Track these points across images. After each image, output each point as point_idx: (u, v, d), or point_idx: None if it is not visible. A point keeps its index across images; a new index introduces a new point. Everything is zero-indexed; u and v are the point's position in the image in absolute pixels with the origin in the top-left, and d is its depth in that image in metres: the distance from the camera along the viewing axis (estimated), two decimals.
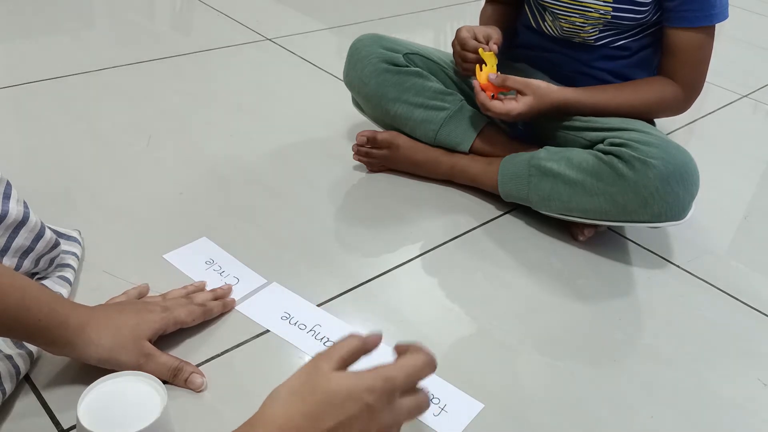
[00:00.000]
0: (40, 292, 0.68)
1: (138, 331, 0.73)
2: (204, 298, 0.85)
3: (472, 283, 0.98)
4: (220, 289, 0.89)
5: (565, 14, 1.11)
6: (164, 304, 0.80)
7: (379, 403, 0.57)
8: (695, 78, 1.09)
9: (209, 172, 1.17)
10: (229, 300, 0.88)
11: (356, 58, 1.19)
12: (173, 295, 0.84)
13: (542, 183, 1.05)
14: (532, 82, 1.06)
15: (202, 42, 1.70)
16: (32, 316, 0.66)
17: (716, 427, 0.80)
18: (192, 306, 0.82)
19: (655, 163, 0.95)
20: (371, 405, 0.56)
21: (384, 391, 0.57)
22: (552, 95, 1.07)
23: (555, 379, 0.84)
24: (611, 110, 1.08)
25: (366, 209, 1.13)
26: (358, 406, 0.55)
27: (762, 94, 1.77)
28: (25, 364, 0.73)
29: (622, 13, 1.07)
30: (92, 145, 1.21)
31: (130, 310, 0.76)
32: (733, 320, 0.97)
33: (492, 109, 1.06)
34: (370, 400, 0.56)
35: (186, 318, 0.80)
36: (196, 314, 0.82)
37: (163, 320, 0.77)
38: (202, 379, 0.76)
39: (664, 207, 0.97)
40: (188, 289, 0.87)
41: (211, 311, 0.85)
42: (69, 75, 1.46)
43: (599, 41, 1.13)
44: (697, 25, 1.04)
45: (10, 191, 0.80)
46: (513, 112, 1.05)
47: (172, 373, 0.75)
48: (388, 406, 0.58)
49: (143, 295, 0.85)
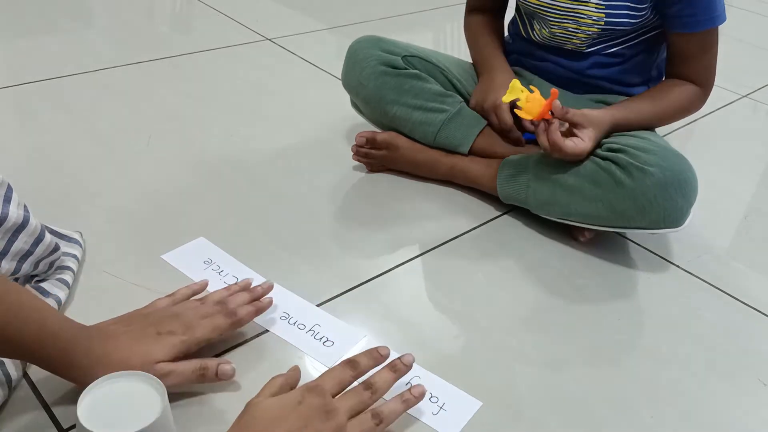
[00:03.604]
0: (54, 326, 0.66)
1: (149, 358, 0.70)
2: (239, 302, 0.81)
3: (471, 283, 0.98)
4: (260, 287, 0.85)
5: (557, 20, 1.11)
6: (188, 322, 0.75)
7: (312, 400, 0.65)
8: (709, 77, 1.11)
9: (209, 172, 1.17)
10: (264, 303, 0.83)
11: (354, 61, 1.18)
12: (211, 299, 0.80)
13: (541, 187, 1.05)
14: (587, 113, 1.00)
15: (201, 42, 1.70)
16: (44, 357, 0.66)
17: (716, 427, 0.80)
18: (219, 319, 0.77)
19: (652, 171, 0.95)
20: (304, 404, 0.65)
21: (310, 390, 0.66)
22: (604, 121, 1.02)
23: (554, 378, 0.84)
24: (655, 121, 1.09)
25: (366, 209, 1.13)
26: (295, 409, 0.64)
27: (762, 94, 1.77)
28: (17, 371, 0.73)
29: (615, 18, 1.07)
30: (92, 145, 1.21)
31: (147, 335, 0.72)
32: (733, 320, 0.97)
33: (566, 150, 0.98)
34: (303, 400, 0.65)
35: (211, 335, 0.76)
36: (223, 328, 0.77)
37: (182, 344, 0.73)
38: (231, 366, 0.74)
39: (662, 214, 0.96)
40: (231, 290, 0.83)
41: (241, 321, 0.79)
42: (69, 75, 1.46)
43: (591, 47, 1.13)
44: (700, 29, 1.05)
45: (11, 194, 0.79)
46: (586, 151, 1.00)
47: (197, 375, 0.73)
48: (323, 405, 0.65)
49: (197, 293, 0.83)
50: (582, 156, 1.00)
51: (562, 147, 0.98)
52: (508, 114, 1.10)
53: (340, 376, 0.70)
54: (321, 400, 0.66)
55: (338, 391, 0.69)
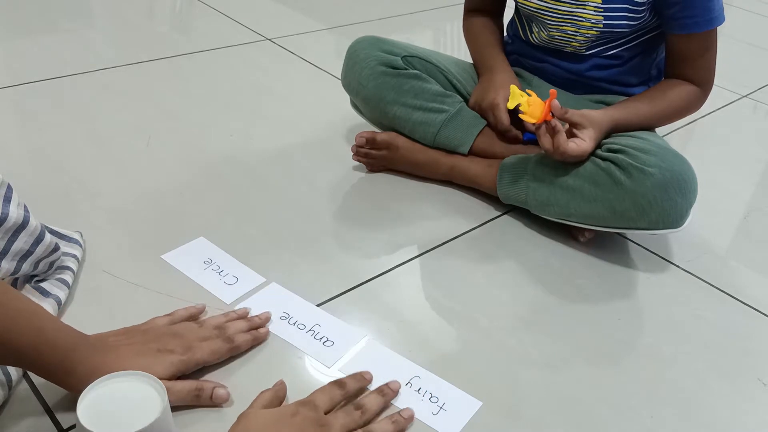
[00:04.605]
0: (52, 334, 0.66)
1: (149, 372, 0.68)
2: (237, 329, 0.81)
3: (471, 283, 0.98)
4: (258, 317, 0.85)
5: (555, 23, 1.11)
6: (188, 343, 0.75)
7: (306, 413, 0.67)
8: (708, 77, 1.11)
9: (209, 172, 1.17)
10: (262, 333, 0.83)
11: (354, 61, 1.18)
12: (210, 324, 0.80)
13: (541, 188, 1.05)
14: (587, 113, 1.01)
15: (201, 42, 1.70)
16: (42, 365, 0.66)
17: (716, 427, 0.80)
18: (218, 343, 0.77)
19: (652, 171, 0.95)
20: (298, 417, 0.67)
21: (304, 404, 0.69)
22: (604, 122, 1.02)
23: (554, 378, 0.84)
24: (654, 121, 1.09)
25: (366, 209, 1.13)
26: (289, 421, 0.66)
27: (762, 94, 1.77)
28: (17, 371, 0.73)
29: (614, 21, 1.07)
30: (92, 145, 1.21)
31: (148, 351, 0.72)
32: (733, 320, 0.97)
33: (569, 152, 0.98)
34: (297, 413, 0.67)
35: (209, 358, 0.76)
36: (222, 353, 0.78)
37: (181, 363, 0.73)
38: (225, 390, 0.74)
39: (662, 215, 0.96)
40: (229, 317, 0.83)
41: (239, 348, 0.80)
42: (69, 75, 1.46)
43: (590, 50, 1.13)
44: (699, 30, 1.04)
45: (11, 195, 0.79)
46: (587, 151, 1.00)
47: (193, 396, 0.73)
48: (317, 419, 0.68)
49: (194, 317, 0.83)
50: (584, 156, 1.00)
51: (566, 150, 0.98)
52: (506, 114, 1.10)
53: (330, 394, 0.72)
54: (315, 414, 0.68)
55: (330, 408, 0.71)
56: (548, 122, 0.98)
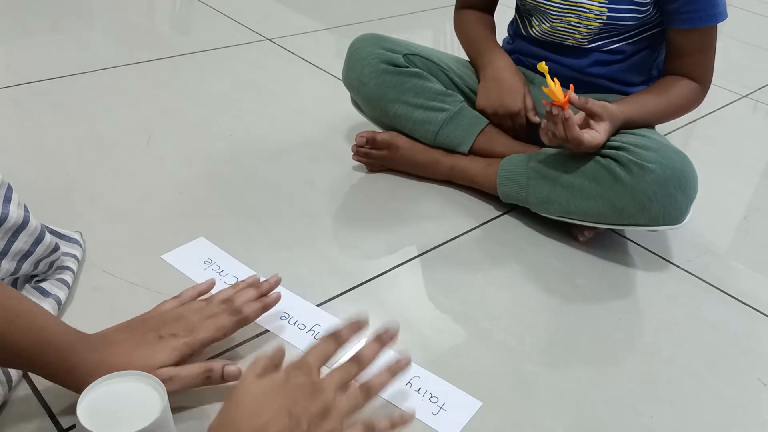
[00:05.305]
0: (52, 333, 0.66)
1: (150, 363, 0.69)
2: (245, 299, 0.79)
3: (471, 283, 0.98)
4: (267, 282, 0.83)
5: (559, 14, 1.11)
6: (191, 324, 0.74)
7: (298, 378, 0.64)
8: (708, 74, 1.11)
9: (209, 172, 1.17)
10: (272, 299, 0.82)
11: (355, 59, 1.18)
12: (217, 299, 0.79)
13: (541, 186, 1.05)
14: (607, 105, 1.00)
15: (201, 42, 1.70)
16: (43, 365, 0.65)
17: (716, 427, 0.80)
18: (223, 318, 0.76)
19: (652, 168, 0.95)
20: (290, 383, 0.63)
21: (296, 368, 0.65)
22: (619, 117, 1.02)
23: (554, 378, 0.84)
24: (660, 118, 1.09)
25: (366, 209, 1.13)
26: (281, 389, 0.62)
27: (762, 94, 1.78)
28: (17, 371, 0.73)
29: (618, 13, 1.07)
30: (92, 145, 1.21)
31: (147, 340, 0.71)
32: (733, 320, 0.97)
33: (585, 142, 0.97)
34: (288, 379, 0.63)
35: (215, 335, 0.74)
36: (228, 327, 0.76)
37: (186, 346, 0.72)
38: (236, 367, 0.73)
39: (662, 211, 0.96)
40: (238, 287, 0.81)
41: (246, 319, 0.78)
42: (69, 75, 1.46)
43: (593, 43, 1.13)
44: (702, 25, 1.05)
45: (11, 195, 0.79)
46: (600, 144, 0.99)
47: (204, 378, 0.72)
48: (310, 384, 0.64)
49: (203, 294, 0.81)
50: (596, 149, 1.00)
51: (582, 140, 0.97)
52: (525, 122, 1.13)
53: (324, 349, 0.68)
54: (307, 378, 0.65)
55: (323, 364, 0.68)
56: (563, 111, 0.97)
